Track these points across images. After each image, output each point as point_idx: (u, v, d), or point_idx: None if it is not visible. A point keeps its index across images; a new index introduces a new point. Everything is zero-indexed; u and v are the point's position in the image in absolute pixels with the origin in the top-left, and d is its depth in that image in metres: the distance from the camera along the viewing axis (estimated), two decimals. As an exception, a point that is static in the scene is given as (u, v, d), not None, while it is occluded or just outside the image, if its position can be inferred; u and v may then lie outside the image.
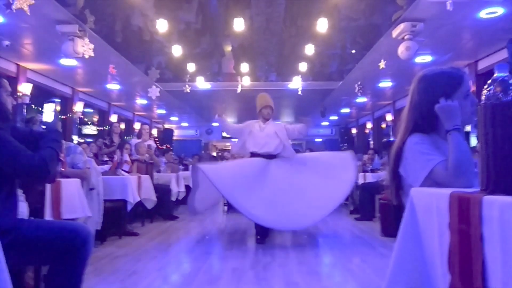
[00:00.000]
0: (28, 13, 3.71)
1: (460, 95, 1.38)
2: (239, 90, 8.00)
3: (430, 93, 1.40)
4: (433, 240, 1.03)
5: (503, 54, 5.21)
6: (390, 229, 4.39)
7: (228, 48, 7.68)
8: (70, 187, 2.85)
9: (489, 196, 0.82)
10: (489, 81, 0.95)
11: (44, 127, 1.87)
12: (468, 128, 6.80)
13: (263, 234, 4.27)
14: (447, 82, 1.40)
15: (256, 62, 8.00)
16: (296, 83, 8.06)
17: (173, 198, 6.36)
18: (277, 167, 4.27)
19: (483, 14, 4.50)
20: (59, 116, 2.00)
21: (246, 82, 7.95)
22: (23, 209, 1.79)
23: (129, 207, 4.34)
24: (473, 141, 5.96)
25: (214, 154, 14.59)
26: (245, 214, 3.89)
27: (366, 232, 4.88)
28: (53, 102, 1.98)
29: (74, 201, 2.86)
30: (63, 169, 3.20)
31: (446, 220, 0.93)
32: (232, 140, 17.28)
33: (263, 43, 7.37)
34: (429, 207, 1.06)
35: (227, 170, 4.35)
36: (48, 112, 1.90)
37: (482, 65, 6.37)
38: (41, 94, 7.41)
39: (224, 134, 16.95)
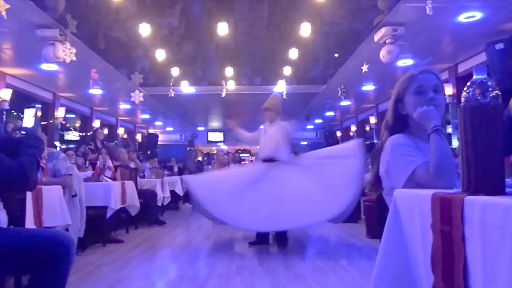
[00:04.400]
0: (5, 18, 3.63)
1: (410, 92, 1.45)
2: (223, 95, 7.99)
3: (393, 96, 1.51)
4: (416, 241, 1.04)
5: (482, 57, 5.34)
6: (375, 231, 4.43)
7: (212, 53, 7.68)
8: (51, 194, 2.79)
9: (470, 196, 0.83)
10: (468, 84, 0.97)
11: (23, 132, 1.82)
12: (449, 129, 6.94)
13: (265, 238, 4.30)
14: (400, 84, 1.50)
15: (240, 67, 8.01)
16: (280, 87, 8.10)
17: (159, 203, 6.30)
18: (275, 173, 4.09)
19: (462, 18, 4.60)
20: (40, 122, 1.94)
21: (230, 86, 7.94)
22: (1, 218, 1.74)
23: (108, 214, 4.21)
24: (454, 143, 6.07)
25: (200, 158, 14.50)
26: (231, 224, 4.00)
27: (352, 234, 4.91)
28: (34, 107, 1.93)
29: (55, 208, 2.80)
30: (44, 178, 3.13)
31: (429, 221, 0.94)
32: (219, 144, 17.23)
33: (247, 47, 7.40)
34: (411, 208, 1.07)
35: (212, 182, 4.34)
36: (28, 117, 1.85)
37: (462, 68, 6.52)
38: (22, 100, 7.25)
39: (210, 139, 16.92)
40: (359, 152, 3.94)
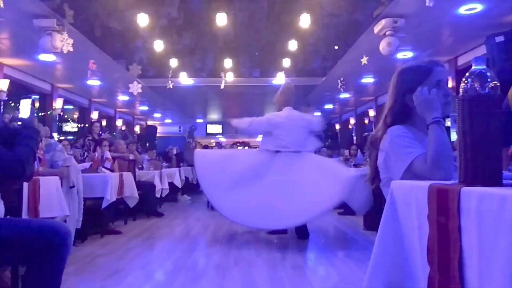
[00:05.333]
0: (2, 6, 3.60)
1: (428, 85, 1.39)
2: (222, 86, 7.96)
3: (401, 86, 1.45)
4: (412, 232, 1.04)
5: (482, 50, 5.30)
6: (373, 223, 4.44)
7: (211, 44, 7.63)
8: (49, 185, 2.79)
9: (467, 187, 0.82)
10: (466, 74, 0.96)
11: (20, 123, 1.81)
12: (448, 123, 6.93)
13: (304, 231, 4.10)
14: (414, 74, 1.44)
15: (239, 58, 7.97)
16: (279, 79, 8.06)
17: (157, 195, 6.30)
18: (279, 163, 4.02)
19: (463, 10, 4.57)
20: (37, 113, 1.95)
21: (229, 78, 7.91)
22: (-2, 208, 1.74)
23: (104, 204, 4.16)
24: (453, 136, 6.07)
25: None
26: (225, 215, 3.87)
27: (349, 226, 4.93)
28: (30, 97, 1.92)
29: (52, 199, 2.80)
30: (40, 169, 3.13)
31: (425, 212, 0.94)
32: (217, 136, 17.18)
33: (246, 39, 7.35)
34: (408, 200, 1.07)
35: (220, 162, 4.15)
36: (25, 108, 1.84)
37: (462, 61, 6.49)
38: (19, 91, 7.21)
39: (209, 131, 16.89)
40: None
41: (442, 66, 1.45)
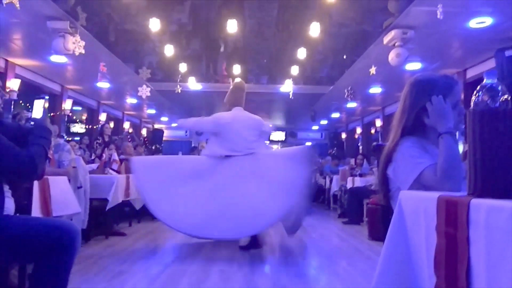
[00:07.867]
0: (18, 8, 3.66)
1: (448, 103, 1.38)
2: (230, 92, 7.99)
3: (419, 98, 1.41)
4: (420, 243, 1.04)
5: (491, 64, 5.30)
6: (377, 233, 4.43)
7: (220, 50, 7.69)
8: (58, 184, 2.82)
9: (476, 199, 0.83)
10: (478, 88, 0.97)
11: (32, 123, 1.84)
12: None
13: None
14: (437, 89, 1.40)
15: (248, 65, 8.02)
16: (287, 87, 8.09)
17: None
18: (227, 167, 3.69)
19: (473, 23, 4.58)
20: (48, 113, 1.98)
21: (237, 84, 7.94)
22: (9, 205, 1.76)
23: (108, 206, 4.15)
24: (460, 149, 6.04)
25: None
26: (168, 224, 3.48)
27: (354, 236, 4.91)
28: (43, 98, 1.95)
29: (65, 198, 2.83)
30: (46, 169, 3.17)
31: (434, 223, 0.94)
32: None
33: (255, 46, 7.41)
34: (417, 210, 1.07)
35: (161, 168, 3.69)
36: (38, 108, 1.88)
37: (471, 73, 6.47)
38: (30, 91, 7.30)
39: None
40: (308, 158, 3.73)
41: (458, 83, 1.44)
